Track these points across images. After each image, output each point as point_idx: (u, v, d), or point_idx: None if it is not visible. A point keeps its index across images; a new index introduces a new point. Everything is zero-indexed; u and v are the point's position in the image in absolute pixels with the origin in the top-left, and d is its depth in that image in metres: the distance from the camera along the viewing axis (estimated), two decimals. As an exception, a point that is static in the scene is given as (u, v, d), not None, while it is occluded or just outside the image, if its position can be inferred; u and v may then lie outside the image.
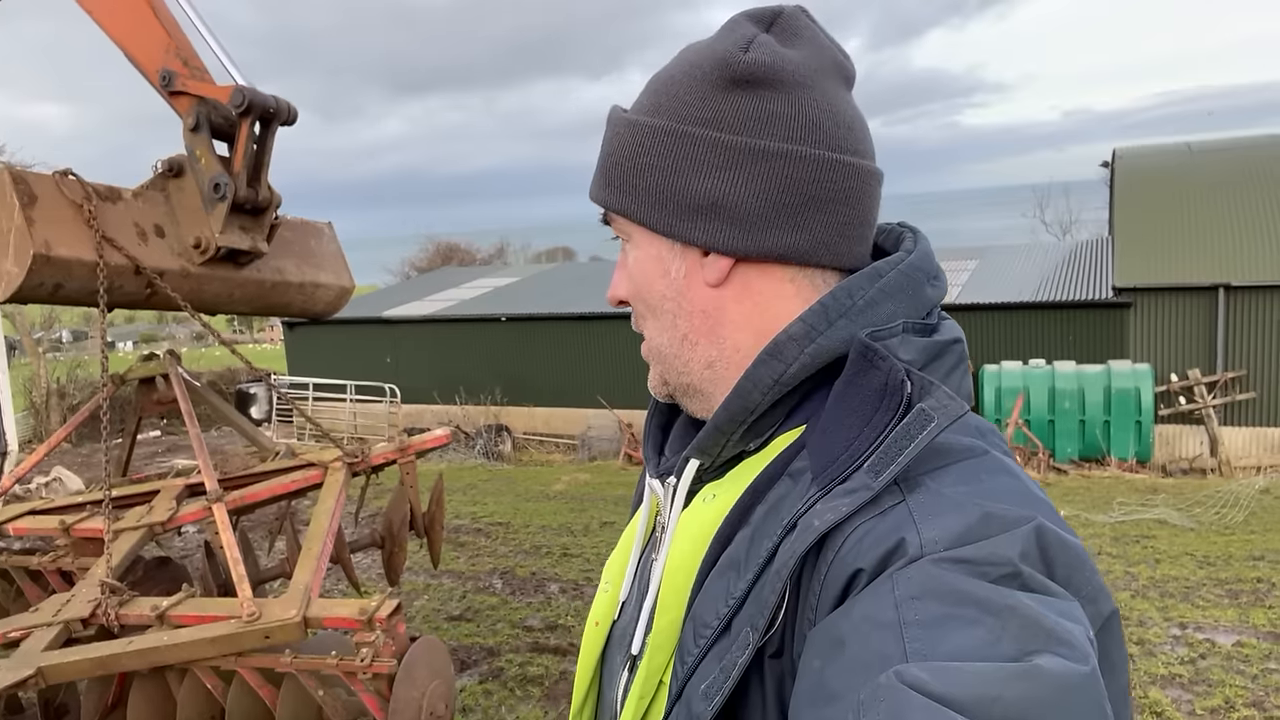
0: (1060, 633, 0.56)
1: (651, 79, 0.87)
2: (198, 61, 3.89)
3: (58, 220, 3.28)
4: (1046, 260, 18.69)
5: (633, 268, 0.87)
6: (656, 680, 0.79)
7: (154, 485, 4.17)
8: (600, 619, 0.95)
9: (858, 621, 0.61)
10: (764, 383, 0.78)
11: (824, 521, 0.67)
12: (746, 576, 0.72)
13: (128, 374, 4.20)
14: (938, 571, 0.61)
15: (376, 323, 20.33)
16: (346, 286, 4.50)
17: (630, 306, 0.90)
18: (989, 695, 0.52)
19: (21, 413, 20.21)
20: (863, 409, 0.72)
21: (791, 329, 0.78)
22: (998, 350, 15.52)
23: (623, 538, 1.01)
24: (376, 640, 2.83)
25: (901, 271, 0.80)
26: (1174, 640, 5.75)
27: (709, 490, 0.83)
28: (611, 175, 0.85)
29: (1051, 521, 0.66)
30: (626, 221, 0.86)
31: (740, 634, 0.70)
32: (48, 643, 2.89)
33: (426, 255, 47.01)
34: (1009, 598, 0.58)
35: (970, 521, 0.64)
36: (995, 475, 0.70)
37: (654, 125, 0.82)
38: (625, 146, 0.84)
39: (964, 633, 0.57)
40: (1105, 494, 10.77)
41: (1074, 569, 0.64)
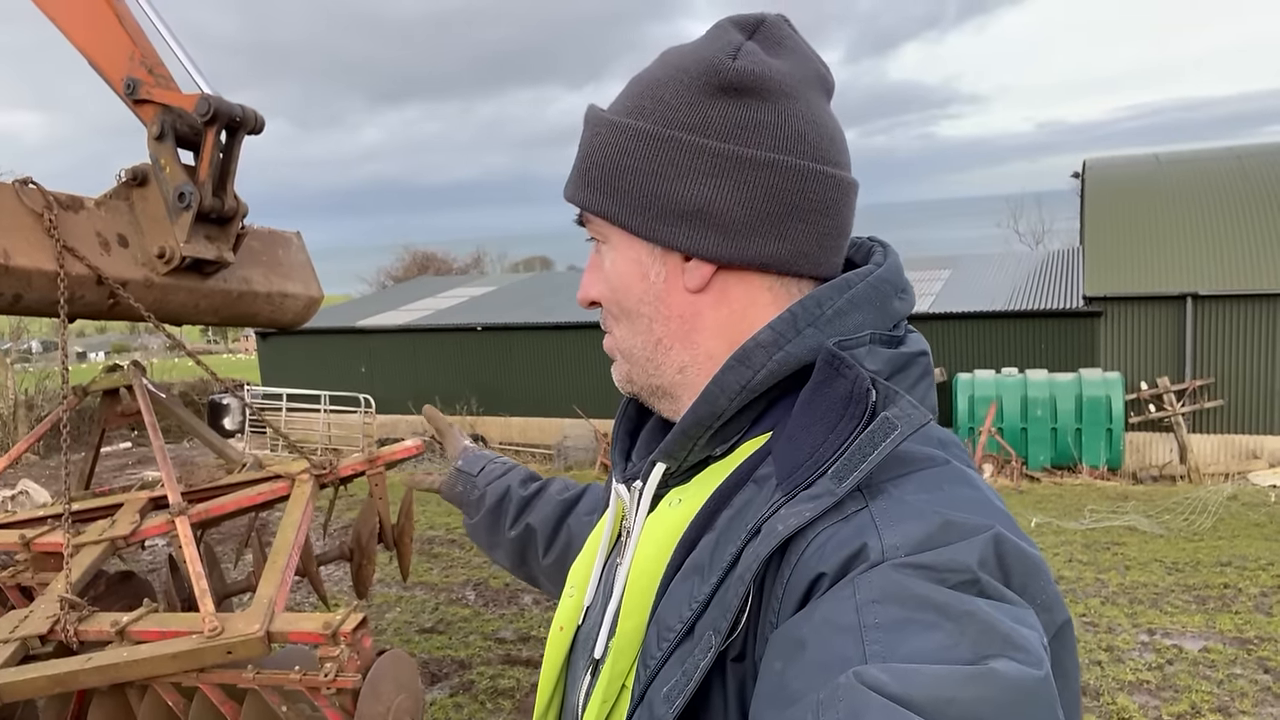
0: (1016, 638, 0.58)
1: (633, 80, 0.86)
2: (163, 69, 3.84)
3: (17, 229, 3.23)
4: (1018, 270, 18.90)
5: (609, 270, 0.86)
6: (619, 684, 0.79)
7: (117, 499, 4.10)
8: (565, 624, 0.95)
9: (818, 624, 0.62)
10: (731, 389, 0.78)
11: (787, 526, 0.68)
12: (710, 580, 0.72)
13: (91, 386, 4.13)
14: (898, 576, 0.62)
15: (351, 332, 20.20)
16: (315, 296, 4.45)
17: (600, 308, 0.90)
18: (945, 697, 0.54)
19: (-14, 424, 19.87)
20: (828, 416, 0.73)
21: (760, 336, 0.79)
22: (971, 359, 15.65)
23: (588, 542, 1.01)
24: (341, 655, 2.78)
25: (870, 284, 0.82)
26: (1142, 646, 5.81)
27: (674, 495, 0.83)
28: (591, 176, 0.84)
29: (1010, 531, 0.67)
30: (604, 224, 0.86)
31: (703, 638, 0.71)
32: (4, 660, 2.82)
33: (402, 265, 46.83)
34: (967, 603, 0.60)
35: (931, 529, 0.65)
36: (956, 485, 0.72)
37: (638, 128, 0.82)
38: (606, 148, 0.83)
39: (922, 636, 0.58)
40: (1077, 501, 10.88)
41: (1030, 577, 0.66)
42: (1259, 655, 5.59)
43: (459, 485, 1.51)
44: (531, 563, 1.39)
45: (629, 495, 0.91)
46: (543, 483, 1.44)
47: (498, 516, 1.42)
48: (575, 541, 1.30)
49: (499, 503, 1.43)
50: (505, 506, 1.42)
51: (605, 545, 0.96)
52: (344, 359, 19.87)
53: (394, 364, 19.52)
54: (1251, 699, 4.96)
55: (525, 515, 1.39)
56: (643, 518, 0.85)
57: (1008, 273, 18.65)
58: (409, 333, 19.68)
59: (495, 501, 1.43)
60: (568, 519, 1.36)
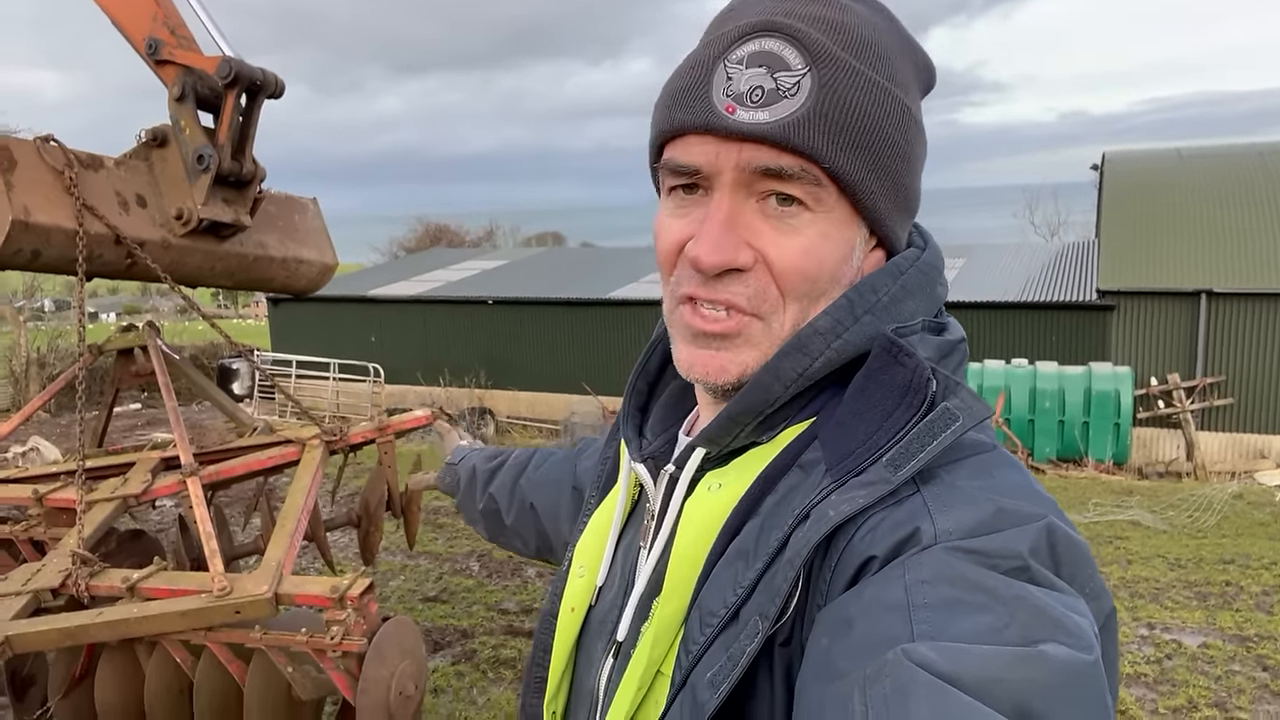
0: (1067, 623, 0.58)
1: (853, 28, 0.76)
2: (185, 31, 3.84)
3: (37, 186, 3.24)
4: (1033, 260, 18.80)
5: (812, 244, 0.76)
6: (655, 671, 0.78)
7: (130, 457, 4.13)
8: (576, 605, 0.93)
9: (867, 603, 0.62)
10: (787, 376, 0.77)
11: (839, 512, 0.67)
12: (756, 566, 0.71)
13: (106, 345, 4.16)
14: (949, 559, 0.62)
15: (362, 301, 20.25)
16: (329, 263, 4.47)
17: (738, 274, 0.77)
18: (993, 677, 0.53)
19: (0, 381, 20.03)
20: (883, 404, 0.72)
21: (818, 323, 0.77)
22: (981, 348, 15.61)
23: (594, 520, 0.99)
24: (347, 619, 2.82)
25: (920, 269, 0.82)
26: (1141, 640, 5.83)
27: (713, 478, 0.81)
28: (855, 139, 0.74)
29: (1059, 519, 0.67)
30: (832, 191, 0.75)
31: (749, 622, 0.70)
32: (16, 611, 2.86)
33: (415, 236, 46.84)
34: (1018, 588, 0.60)
35: (984, 515, 0.65)
36: (1005, 470, 0.72)
37: (905, 105, 0.77)
38: (875, 113, 0.75)
39: (972, 618, 0.58)
40: (1081, 494, 10.87)
41: (1079, 567, 0.66)
42: (1258, 653, 5.61)
43: (447, 476, 1.69)
44: (501, 530, 1.52)
45: (648, 476, 0.88)
46: (504, 457, 1.56)
47: (472, 492, 1.57)
48: (528, 498, 1.42)
49: (470, 481, 1.59)
50: (474, 483, 1.57)
51: (618, 524, 0.93)
52: (354, 328, 19.92)
53: (404, 334, 19.56)
54: (1249, 695, 4.98)
55: (489, 487, 1.52)
56: (678, 502, 0.83)
57: (1022, 263, 18.56)
58: (420, 304, 19.71)
59: (467, 480, 1.60)
60: (519, 481, 1.46)
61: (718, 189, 0.76)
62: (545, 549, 1.41)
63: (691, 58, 0.79)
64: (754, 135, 0.72)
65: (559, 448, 1.49)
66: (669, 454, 0.90)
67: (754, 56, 0.74)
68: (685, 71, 0.78)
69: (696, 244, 0.76)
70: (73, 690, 3.15)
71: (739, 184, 0.75)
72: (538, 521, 1.39)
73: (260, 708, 2.96)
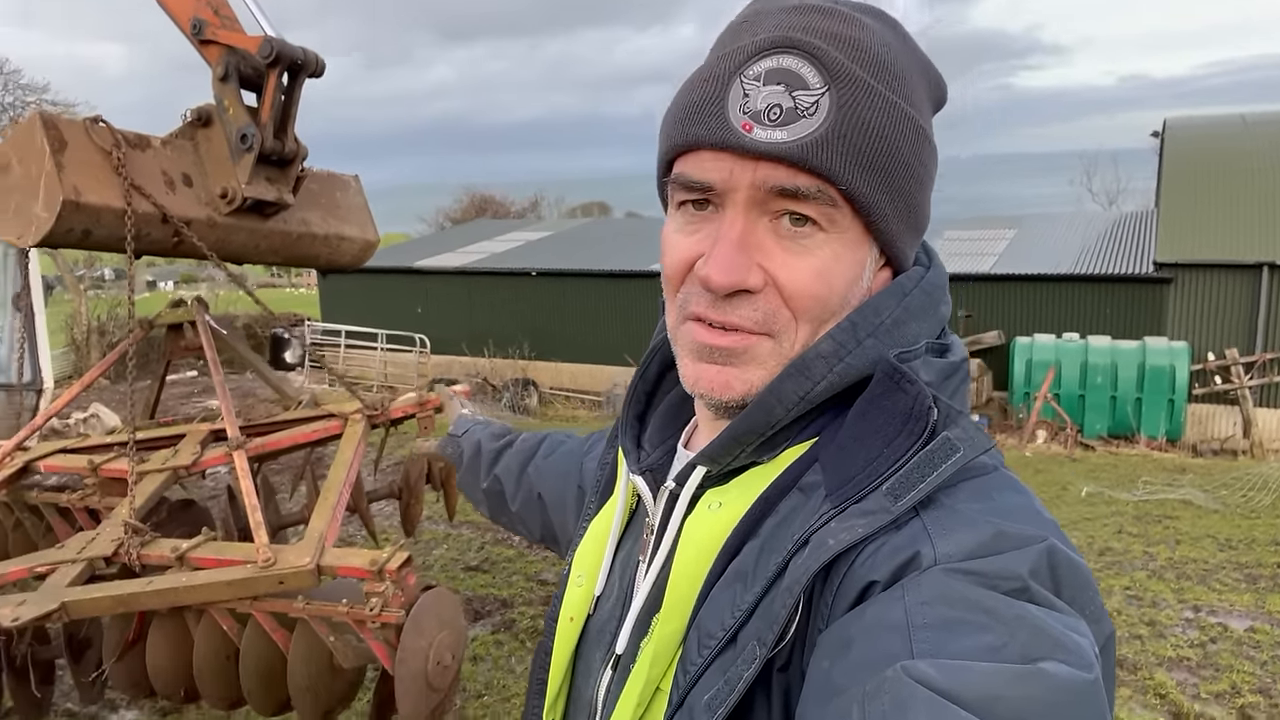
0: (1067, 642, 0.58)
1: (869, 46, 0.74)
2: (228, 10, 3.89)
3: (87, 166, 3.33)
4: (1089, 231, 18.32)
5: (830, 265, 0.75)
6: (654, 688, 0.78)
7: (181, 429, 4.26)
8: (575, 614, 0.93)
9: (867, 623, 0.62)
10: (789, 398, 0.76)
11: (839, 541, 0.67)
12: (754, 589, 0.71)
13: (156, 320, 4.27)
14: (948, 580, 0.62)
15: (408, 273, 20.47)
16: (371, 240, 4.53)
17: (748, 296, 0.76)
18: (993, 694, 0.53)
19: (62, 349, 20.69)
20: (885, 430, 0.72)
21: (821, 346, 0.76)
22: (1031, 322, 15.30)
23: (593, 527, 0.99)
24: (386, 590, 2.89)
25: (924, 290, 0.80)
26: (1185, 623, 5.73)
27: (713, 497, 0.81)
28: (871, 161, 0.73)
29: (1061, 542, 0.67)
30: (847, 212, 0.74)
31: (746, 647, 0.70)
32: (72, 579, 2.99)
33: (461, 206, 47.09)
34: (1017, 608, 0.60)
35: (984, 538, 0.65)
36: (1005, 493, 0.71)
37: (919, 126, 0.76)
38: (891, 134, 0.73)
39: (972, 637, 0.58)
40: (1131, 472, 10.67)
41: (1080, 589, 0.65)
42: (1309, 639, 5.49)
43: (449, 447, 1.68)
44: (505, 512, 1.50)
45: (647, 489, 0.88)
46: (511, 437, 1.54)
47: (475, 470, 1.55)
48: (535, 487, 1.40)
49: (474, 458, 1.55)
50: (478, 461, 1.54)
51: (615, 533, 0.93)
52: (401, 298, 20.17)
53: (449, 305, 19.76)
54: (1297, 682, 4.89)
55: (494, 468, 1.50)
56: (678, 519, 0.83)
57: (1077, 234, 18.10)
58: (465, 275, 19.87)
59: (471, 457, 1.56)
60: (527, 468, 1.43)
61: (730, 207, 0.75)
62: (550, 539, 1.40)
63: (705, 71, 0.78)
64: (771, 155, 0.71)
65: (569, 433, 1.44)
66: (667, 466, 0.90)
67: (771, 73, 0.72)
68: (699, 85, 0.76)
69: (707, 263, 0.75)
70: (126, 654, 3.28)
71: (752, 203, 0.74)
72: (544, 513, 1.38)
73: (303, 674, 3.06)
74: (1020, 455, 12.34)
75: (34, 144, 3.20)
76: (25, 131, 3.23)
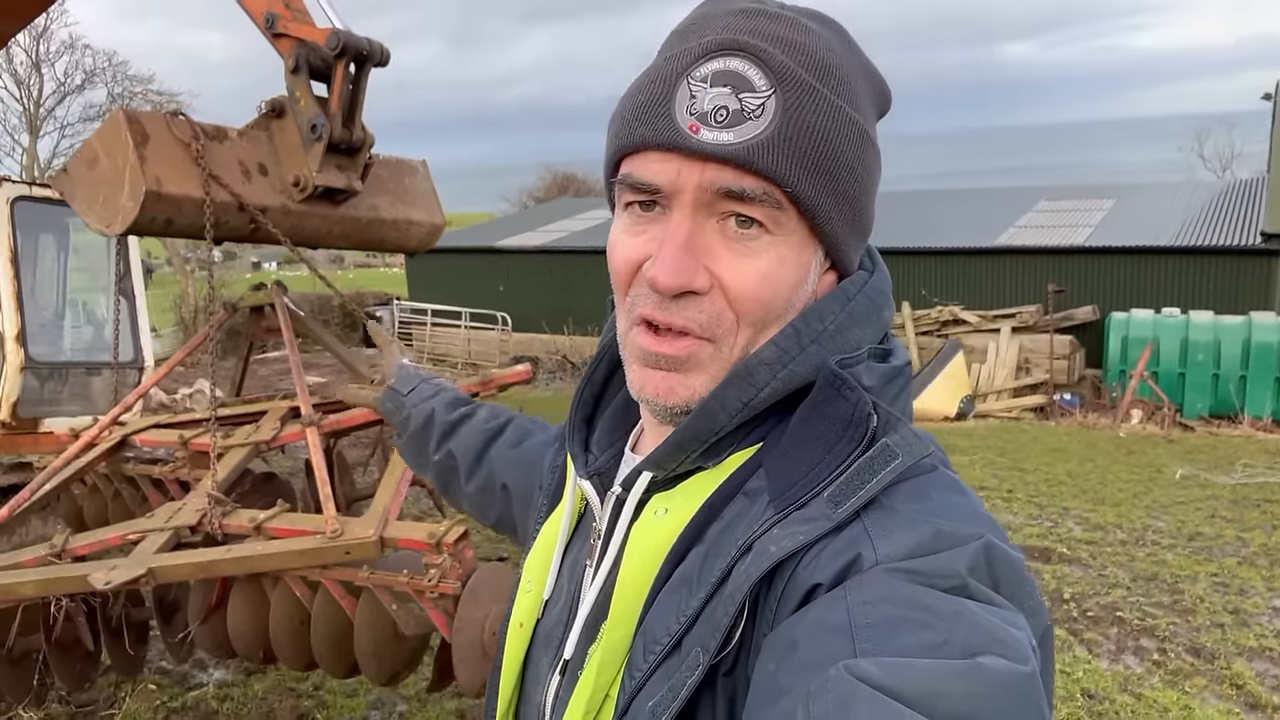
0: (1004, 636, 0.60)
1: (813, 50, 0.75)
2: (299, 3, 4.03)
3: (168, 158, 3.51)
4: (1193, 200, 17.42)
5: (774, 268, 0.76)
6: (603, 694, 0.79)
7: (264, 406, 4.48)
8: (524, 620, 0.94)
9: (810, 625, 0.64)
10: (733, 405, 0.77)
11: (780, 549, 0.69)
12: (699, 595, 0.72)
13: (239, 303, 4.49)
14: (889, 579, 0.64)
15: (491, 252, 20.84)
16: (438, 223, 4.65)
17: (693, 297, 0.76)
18: (934, 690, 0.55)
19: (171, 328, 21.82)
20: (826, 436, 0.74)
21: (764, 353, 0.77)
22: (1127, 297, 14.68)
23: (543, 533, 0.99)
24: (444, 562, 3.01)
25: (867, 295, 0.81)
26: (1273, 612, 5.48)
27: (659, 503, 0.81)
28: (816, 163, 0.74)
29: (998, 539, 0.69)
30: (792, 215, 0.75)
31: (690, 653, 0.71)
32: (159, 546, 3.20)
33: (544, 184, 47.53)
34: (956, 604, 0.62)
35: (923, 537, 0.67)
36: (943, 492, 0.73)
37: (863, 130, 0.77)
38: (835, 137, 0.75)
39: (913, 634, 0.60)
40: (1232, 454, 10.17)
41: (1017, 584, 0.67)
42: None
43: (389, 402, 1.54)
44: (454, 489, 1.42)
45: (594, 494, 0.89)
46: (469, 409, 1.43)
47: (424, 439, 1.44)
48: (496, 474, 1.33)
49: (424, 425, 1.44)
50: (429, 430, 1.43)
51: (563, 537, 0.94)
52: (484, 277, 20.57)
53: (531, 284, 20.06)
54: (1396, 677, 4.63)
55: (447, 441, 1.40)
56: (624, 525, 0.84)
57: (1180, 203, 17.22)
58: (545, 254, 20.13)
59: (420, 424, 1.45)
60: (489, 450, 1.36)
61: (677, 208, 0.75)
62: (508, 529, 1.36)
63: (651, 72, 0.78)
64: (718, 156, 0.72)
65: (538, 421, 1.38)
66: (615, 470, 0.91)
67: (718, 75, 0.73)
68: (645, 86, 0.77)
69: (654, 265, 0.75)
70: (209, 617, 3.50)
71: (699, 204, 0.74)
72: (507, 503, 1.33)
73: (369, 640, 3.22)
74: (1113, 436, 11.90)
75: (119, 138, 3.40)
76: (111, 126, 3.44)
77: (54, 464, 4.01)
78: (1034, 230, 16.77)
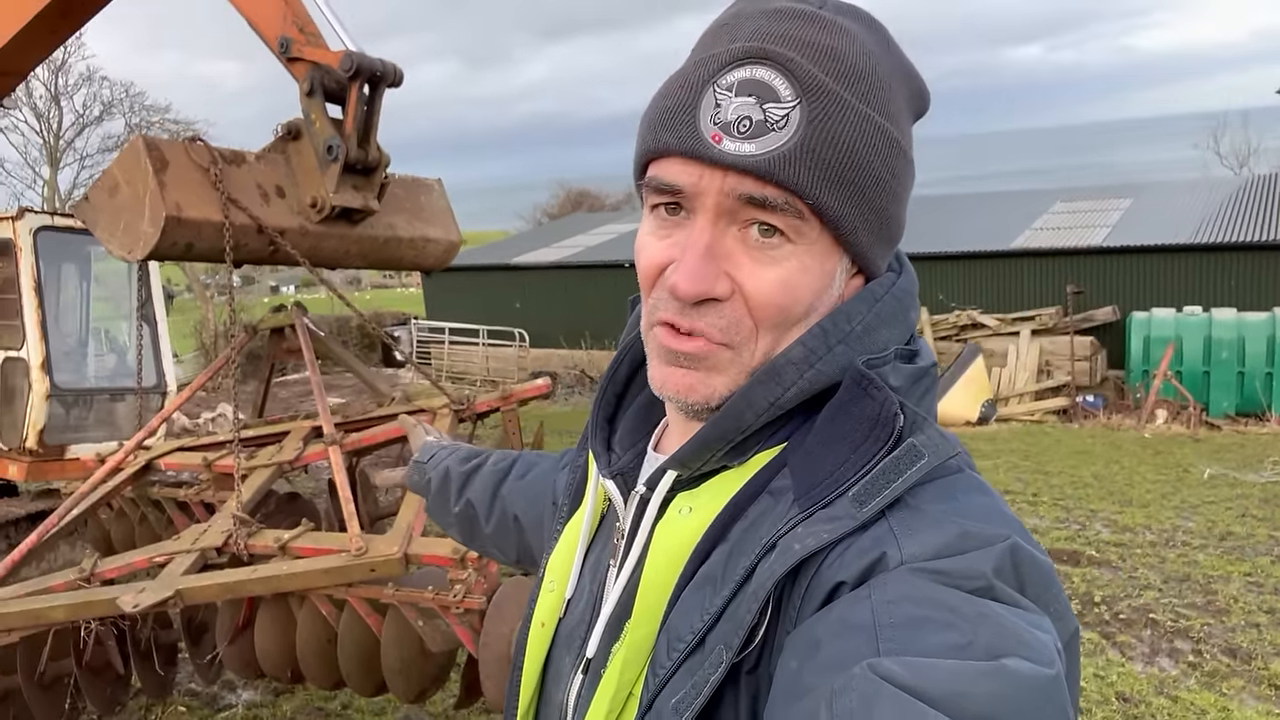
0: (1029, 639, 0.59)
1: (845, 55, 0.75)
2: (313, 27, 4.08)
3: (187, 184, 3.56)
4: (1212, 197, 17.26)
5: (796, 276, 0.76)
6: (627, 693, 0.78)
7: (286, 426, 4.52)
8: (546, 620, 0.94)
9: (834, 623, 0.64)
10: (759, 405, 0.77)
11: (804, 546, 0.69)
12: (723, 593, 0.72)
13: (260, 325, 4.54)
14: (914, 579, 0.63)
15: (507, 269, 20.94)
16: (455, 241, 4.68)
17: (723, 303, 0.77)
18: (958, 690, 0.55)
19: (192, 353, 22.04)
20: (852, 436, 0.73)
21: (792, 353, 0.77)
22: (1148, 296, 14.54)
23: (565, 533, 0.99)
24: (469, 578, 3.02)
25: (895, 296, 0.81)
26: (1312, 612, 5.39)
27: (683, 502, 0.81)
28: (841, 176, 0.74)
29: (1024, 540, 0.68)
30: (815, 225, 0.75)
31: (714, 651, 0.71)
32: (186, 568, 3.22)
33: (557, 201, 47.77)
34: (981, 606, 0.61)
35: (949, 538, 0.66)
36: (969, 494, 0.73)
37: (894, 139, 0.77)
38: (862, 148, 0.74)
39: (937, 635, 0.59)
40: (1261, 452, 10.04)
41: (1044, 587, 0.67)
42: None
43: (415, 474, 1.60)
44: (477, 535, 1.45)
45: (618, 493, 0.89)
46: (480, 459, 1.48)
47: (444, 496, 1.49)
48: (509, 510, 1.35)
49: (443, 483, 1.49)
50: (447, 486, 1.48)
51: (585, 537, 0.94)
52: (501, 294, 20.65)
53: (547, 300, 20.12)
54: None
55: (465, 491, 1.44)
56: (648, 524, 0.83)
57: (1199, 200, 17.07)
58: (561, 269, 20.19)
59: (439, 483, 1.50)
60: (500, 489, 1.39)
61: (699, 214, 0.76)
62: (527, 560, 1.37)
63: (680, 76, 0.78)
64: (739, 167, 0.72)
65: (544, 454, 1.43)
66: (637, 468, 0.90)
67: (744, 84, 0.73)
68: (674, 91, 0.77)
69: (676, 271, 0.76)
70: (238, 638, 3.52)
71: (721, 211, 0.75)
72: (520, 534, 1.35)
73: (396, 657, 3.23)
74: (1139, 437, 11.76)
75: (139, 165, 3.45)
76: (130, 154, 3.49)
77: (81, 489, 4.06)
78: (1051, 232, 16.66)
